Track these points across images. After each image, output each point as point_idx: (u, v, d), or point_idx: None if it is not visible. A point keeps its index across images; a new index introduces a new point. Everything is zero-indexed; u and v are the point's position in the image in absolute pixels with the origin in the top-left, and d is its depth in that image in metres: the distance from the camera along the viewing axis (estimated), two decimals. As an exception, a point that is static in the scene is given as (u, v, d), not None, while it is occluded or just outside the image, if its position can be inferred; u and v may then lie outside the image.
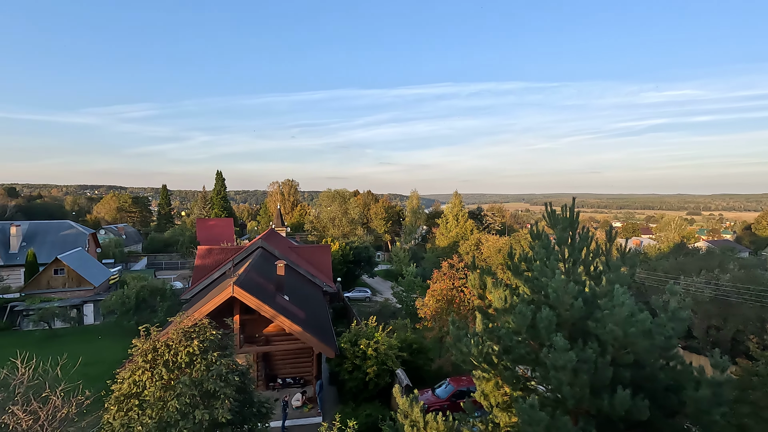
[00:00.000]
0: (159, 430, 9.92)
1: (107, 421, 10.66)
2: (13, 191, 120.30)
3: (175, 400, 10.26)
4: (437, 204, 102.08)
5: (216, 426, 10.46)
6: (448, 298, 24.08)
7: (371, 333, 20.89)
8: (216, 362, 10.98)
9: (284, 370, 22.77)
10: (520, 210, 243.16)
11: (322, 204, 76.19)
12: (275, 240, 36.99)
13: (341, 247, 46.82)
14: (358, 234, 68.18)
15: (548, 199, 12.30)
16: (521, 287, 9.95)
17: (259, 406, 11.80)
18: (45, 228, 50.38)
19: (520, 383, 9.27)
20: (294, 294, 23.79)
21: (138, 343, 11.28)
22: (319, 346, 19.40)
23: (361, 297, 46.29)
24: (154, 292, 31.72)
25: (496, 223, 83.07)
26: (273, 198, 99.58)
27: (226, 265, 28.87)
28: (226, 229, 66.60)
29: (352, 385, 19.71)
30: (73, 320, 34.60)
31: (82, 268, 40.83)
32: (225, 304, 18.46)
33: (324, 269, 33.97)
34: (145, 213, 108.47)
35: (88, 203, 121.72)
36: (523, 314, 8.27)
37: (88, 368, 18.62)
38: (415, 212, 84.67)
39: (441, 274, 25.34)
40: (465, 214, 66.05)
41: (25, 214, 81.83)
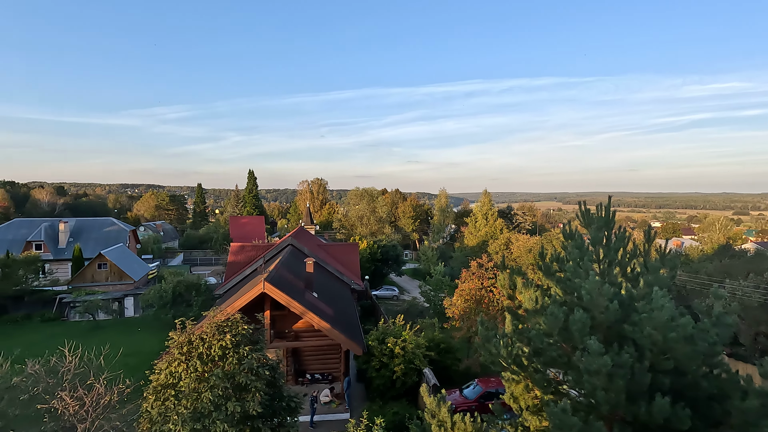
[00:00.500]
0: (194, 420, 10.28)
1: (146, 410, 11.14)
2: (61, 190, 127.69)
3: (209, 391, 10.60)
4: (466, 203, 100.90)
5: (247, 418, 10.73)
6: (477, 298, 23.76)
7: (399, 331, 20.89)
8: (247, 356, 11.27)
9: (313, 366, 23.12)
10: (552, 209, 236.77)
11: (351, 202, 76.81)
12: (304, 238, 37.59)
13: (369, 245, 47.06)
14: (386, 232, 68.33)
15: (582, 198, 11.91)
16: (553, 288, 9.68)
17: (288, 400, 12.01)
18: (90, 225, 53.20)
19: (551, 386, 9.03)
20: (323, 291, 24.10)
21: (174, 336, 11.71)
22: (347, 343, 19.56)
23: (389, 295, 46.40)
24: (189, 287, 32.90)
25: (526, 223, 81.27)
26: (302, 196, 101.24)
27: (257, 262, 29.58)
28: (257, 227, 68.28)
29: (379, 383, 19.79)
30: (115, 313, 36.41)
31: (123, 263, 42.87)
32: (256, 300, 18.91)
33: (352, 267, 34.23)
34: (182, 211, 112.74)
35: (128, 201, 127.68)
36: (555, 316, 8.04)
37: (128, 359, 19.57)
38: (443, 211, 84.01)
39: (469, 274, 25.03)
40: (494, 213, 64.93)
41: (72, 212, 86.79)
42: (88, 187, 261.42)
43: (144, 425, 10.95)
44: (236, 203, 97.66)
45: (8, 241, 45.89)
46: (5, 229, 49.21)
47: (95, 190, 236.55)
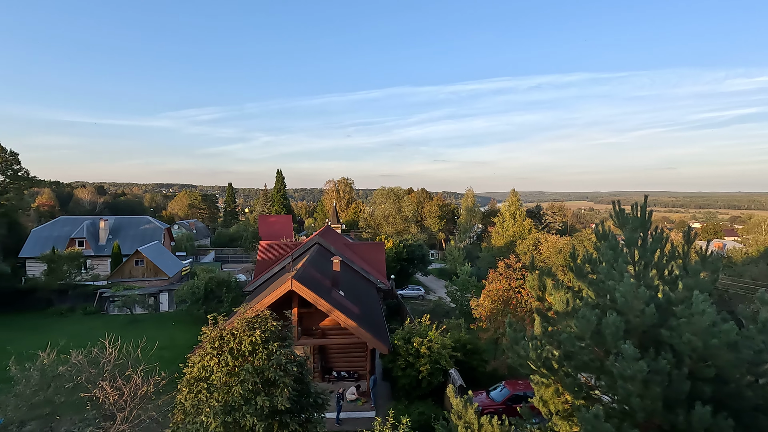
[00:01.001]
0: (225, 413, 10.57)
1: (180, 402, 11.54)
2: (102, 189, 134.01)
3: (239, 386, 10.88)
4: (493, 202, 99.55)
5: (276, 413, 10.95)
6: (504, 299, 23.37)
7: (425, 331, 20.81)
8: (276, 352, 11.50)
9: (339, 364, 23.35)
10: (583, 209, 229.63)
11: (377, 202, 77.04)
12: (331, 237, 37.99)
13: (395, 244, 47.10)
14: (412, 232, 68.18)
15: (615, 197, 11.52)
16: (585, 290, 9.41)
17: (315, 396, 12.18)
18: (128, 222, 55.62)
19: (582, 391, 8.79)
20: (349, 290, 24.30)
21: (207, 331, 12.08)
22: (373, 342, 19.65)
23: (415, 295, 46.29)
24: (220, 284, 33.87)
25: (556, 223, 79.31)
26: (329, 196, 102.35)
27: (285, 260, 30.12)
28: (285, 226, 69.55)
29: (404, 383, 19.78)
30: (151, 307, 37.90)
31: (158, 259, 44.59)
32: (284, 297, 19.27)
33: (378, 266, 34.34)
34: (213, 209, 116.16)
35: (163, 200, 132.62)
36: (587, 319, 7.81)
37: (163, 352, 20.32)
38: (470, 210, 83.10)
39: (497, 274, 24.66)
40: (523, 212, 63.67)
41: (111, 210, 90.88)
42: (126, 187, 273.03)
43: (178, 416, 11.36)
44: (265, 202, 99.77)
45: (54, 238, 48.55)
46: (51, 227, 52.07)
47: (133, 190, 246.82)
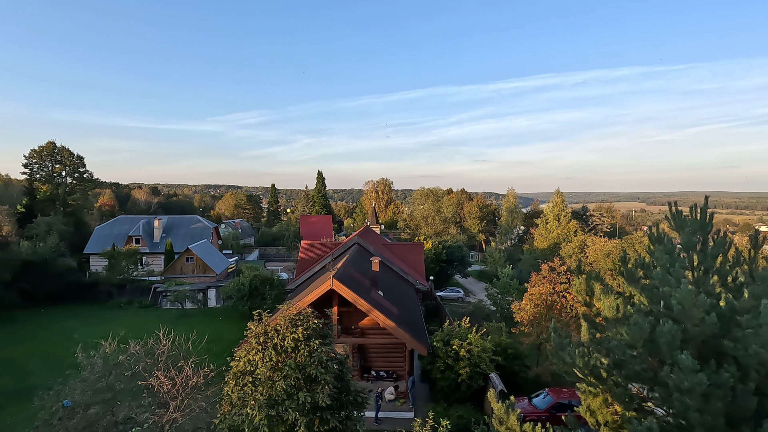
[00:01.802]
0: (269, 407, 10.93)
1: (227, 393, 12.05)
2: (156, 190, 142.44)
3: (282, 380, 11.21)
4: (536, 203, 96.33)
5: (317, 409, 11.19)
6: (548, 303, 22.59)
7: (464, 334, 20.52)
8: (317, 349, 11.74)
9: (377, 363, 23.49)
10: (634, 210, 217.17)
11: (415, 202, 76.79)
12: (370, 237, 38.30)
13: (434, 245, 46.76)
14: (451, 233, 67.38)
15: (670, 198, 10.82)
16: (637, 296, 8.94)
17: (355, 395, 12.32)
18: (179, 222, 58.76)
19: (633, 402, 8.34)
20: (388, 290, 24.39)
21: (252, 326, 12.53)
22: (412, 343, 19.62)
23: (454, 297, 45.74)
24: (264, 281, 35.04)
25: (604, 225, 75.67)
26: (368, 196, 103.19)
27: (326, 259, 30.69)
28: (325, 226, 70.85)
29: (443, 385, 19.60)
30: (199, 302, 39.83)
31: (207, 257, 46.78)
32: (325, 296, 19.65)
33: (417, 267, 34.24)
34: (257, 210, 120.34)
35: (211, 201, 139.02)
36: (640, 326, 7.41)
37: (211, 345, 21.29)
38: (511, 211, 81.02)
39: (540, 278, 23.88)
40: (568, 213, 61.24)
41: (164, 210, 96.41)
42: (178, 188, 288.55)
43: (225, 407, 11.87)
44: (306, 203, 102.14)
45: (114, 236, 52.16)
46: (111, 225, 55.96)
47: (183, 190, 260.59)
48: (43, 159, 60.48)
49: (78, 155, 63.14)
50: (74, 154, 62.74)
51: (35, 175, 60.42)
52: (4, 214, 45.54)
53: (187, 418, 11.95)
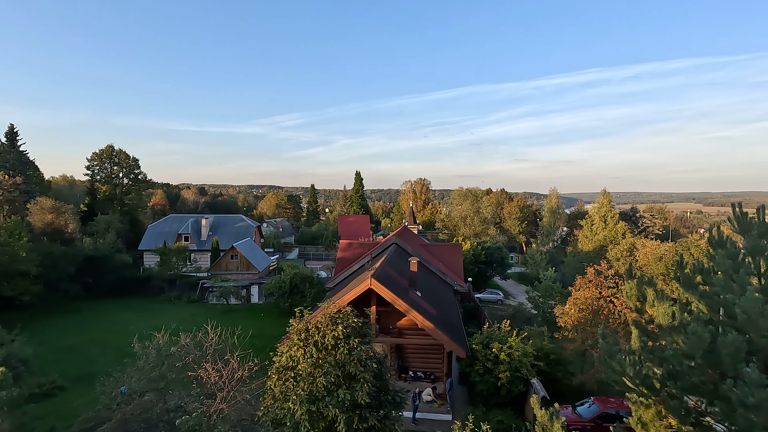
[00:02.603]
0: (309, 402, 11.18)
1: (269, 387, 12.44)
2: (203, 190, 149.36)
3: (323, 377, 11.43)
4: (581, 203, 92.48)
5: (356, 406, 11.32)
6: (594, 309, 21.64)
7: (504, 337, 20.07)
8: (357, 348, 11.88)
9: (415, 364, 23.43)
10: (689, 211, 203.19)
11: (454, 202, 75.94)
12: (408, 237, 38.26)
13: (472, 246, 46.05)
14: (491, 234, 66.08)
15: (731, 199, 10.08)
16: (694, 303, 8.40)
17: (394, 394, 12.35)
18: (224, 221, 61.28)
19: (690, 416, 7.84)
20: (426, 291, 24.28)
21: (294, 323, 12.86)
22: (450, 345, 19.43)
23: (493, 299, 44.82)
24: (304, 280, 35.86)
25: (655, 227, 71.52)
26: (405, 196, 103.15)
27: (364, 259, 30.99)
28: (363, 225, 71.56)
29: (482, 388, 19.26)
30: (243, 298, 41.32)
31: (250, 255, 48.49)
32: (363, 295, 19.84)
33: (455, 268, 33.85)
34: (297, 209, 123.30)
35: (254, 200, 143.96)
36: (699, 336, 6.96)
37: (254, 340, 21.98)
38: (554, 212, 78.34)
39: (585, 281, 22.93)
40: (615, 215, 58.38)
41: (210, 209, 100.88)
42: (223, 188, 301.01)
43: (268, 401, 12.25)
44: (344, 203, 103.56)
45: (165, 233, 55.17)
46: (163, 223, 59.22)
47: (228, 191, 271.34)
48: (103, 161, 64.98)
49: (134, 157, 67.34)
50: (130, 157, 66.95)
51: (96, 176, 65.02)
52: (70, 213, 49.30)
53: (232, 410, 12.45)
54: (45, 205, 47.46)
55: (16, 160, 55.71)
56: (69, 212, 49.19)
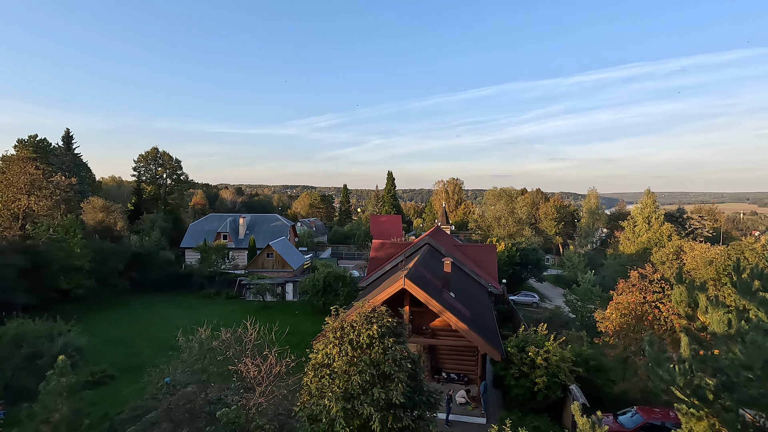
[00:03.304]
0: (345, 400, 11.32)
1: (306, 383, 12.69)
2: (240, 190, 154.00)
3: (358, 375, 11.54)
4: (622, 204, 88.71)
5: (390, 406, 11.36)
6: (638, 314, 20.69)
7: (541, 341, 19.55)
8: (391, 347, 11.92)
9: (448, 365, 23.24)
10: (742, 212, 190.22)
11: (487, 202, 74.69)
12: (441, 237, 37.98)
13: (507, 247, 45.17)
14: (526, 235, 64.52)
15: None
16: (753, 310, 7.87)
17: (428, 395, 12.30)
18: (260, 220, 62.96)
19: (747, 431, 7.37)
20: (459, 292, 24.02)
21: (329, 321, 13.05)
22: (485, 347, 19.12)
23: (528, 302, 43.75)
24: (337, 278, 36.33)
25: (704, 228, 67.51)
26: (438, 196, 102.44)
27: (397, 258, 31.03)
28: (395, 225, 71.63)
29: (518, 392, 18.85)
30: (278, 296, 42.35)
31: (285, 253, 49.62)
32: (396, 295, 19.85)
33: (489, 269, 33.29)
34: (330, 209, 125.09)
35: (288, 200, 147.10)
36: (758, 345, 6.52)
37: (290, 337, 22.50)
38: (592, 213, 75.50)
39: (629, 285, 21.97)
40: (660, 216, 55.55)
41: (247, 209, 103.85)
42: (258, 188, 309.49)
43: (304, 396, 12.50)
44: (376, 202, 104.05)
45: (205, 232, 57.34)
46: (203, 222, 61.57)
47: (263, 191, 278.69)
48: (148, 162, 68.36)
49: (176, 159, 70.46)
50: (173, 158, 70.09)
51: (142, 177, 68.51)
52: (119, 212, 52.21)
53: (270, 404, 12.80)
54: (96, 204, 50.50)
55: (71, 162, 59.60)
56: (118, 211, 52.09)
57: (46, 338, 20.34)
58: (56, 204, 40.68)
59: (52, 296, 34.75)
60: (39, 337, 20.21)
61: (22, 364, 19.30)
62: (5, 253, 31.30)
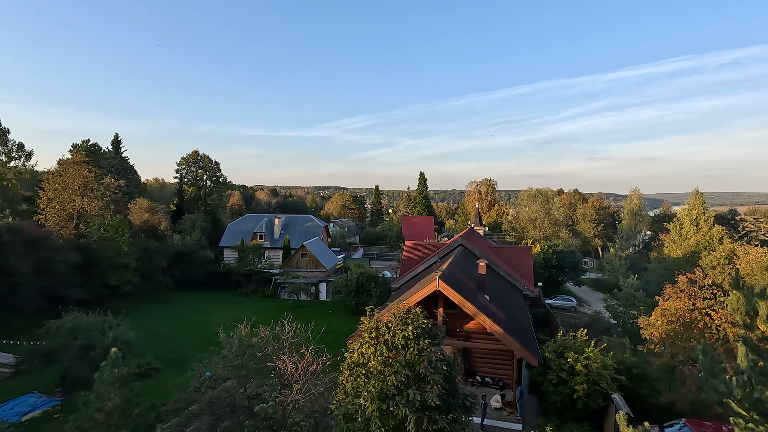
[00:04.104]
0: (380, 400, 11.36)
1: (341, 382, 12.83)
2: (274, 192, 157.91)
3: (393, 376, 11.56)
4: (667, 205, 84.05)
5: (426, 408, 11.31)
6: (686, 321, 19.60)
7: (581, 347, 18.89)
8: (426, 349, 11.87)
9: (482, 369, 22.88)
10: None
11: (522, 203, 72.99)
12: (474, 239, 37.46)
13: (543, 250, 43.97)
14: (562, 237, 62.53)
15: None
16: (821, 321, 7.29)
17: (464, 398, 12.16)
18: (295, 220, 64.27)
19: (815, 451, 6.83)
20: (494, 295, 23.60)
21: (365, 321, 13.14)
22: (521, 351, 18.69)
23: (565, 306, 42.40)
24: (369, 279, 36.55)
25: (760, 231, 63.10)
26: (470, 197, 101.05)
27: (429, 260, 30.86)
28: (427, 227, 71.21)
29: (556, 399, 18.29)
30: (312, 295, 43.06)
31: (319, 253, 50.40)
32: (430, 297, 19.75)
33: (525, 272, 32.51)
34: (362, 210, 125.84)
35: (321, 201, 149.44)
36: (829, 358, 6.03)
37: (324, 336, 22.85)
38: (635, 214, 72.21)
39: (676, 290, 20.85)
40: (710, 217, 52.39)
41: (281, 209, 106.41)
42: (292, 189, 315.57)
43: (340, 395, 12.64)
44: (408, 203, 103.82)
45: (242, 232, 59.15)
46: (240, 222, 63.53)
47: (297, 192, 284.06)
48: (189, 165, 71.29)
49: (215, 161, 73.11)
50: (212, 161, 72.77)
51: (183, 178, 71.53)
52: (162, 213, 54.75)
53: (306, 401, 13.04)
54: (142, 205, 53.17)
55: (119, 165, 63.06)
56: (161, 212, 54.63)
57: (98, 331, 21.62)
58: (106, 205, 43.14)
59: (102, 292, 36.87)
60: (92, 329, 21.51)
61: (77, 354, 20.61)
62: (62, 251, 33.51)
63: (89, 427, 10.69)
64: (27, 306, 28.71)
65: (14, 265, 28.08)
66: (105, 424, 10.70)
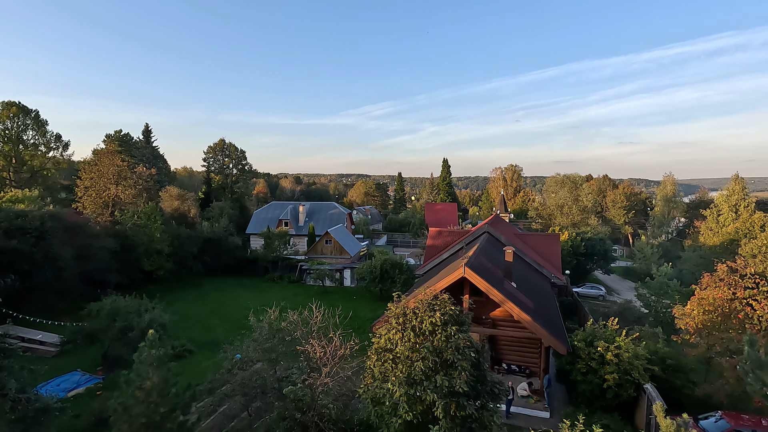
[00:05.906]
0: (408, 385, 11.47)
1: (369, 367, 13.00)
2: (298, 179, 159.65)
3: (420, 362, 11.62)
4: (703, 191, 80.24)
5: (453, 394, 11.34)
6: (725, 311, 18.83)
7: (611, 336, 18.46)
8: (454, 335, 11.86)
9: (509, 357, 22.72)
10: None
11: (549, 190, 71.32)
12: (500, 226, 36.94)
13: (571, 237, 42.98)
14: (591, 224, 60.91)
15: None
16: None
17: (492, 385, 12.14)
18: (318, 207, 64.92)
19: None
20: (521, 282, 23.27)
21: (391, 307, 13.21)
22: (549, 340, 18.43)
23: (594, 294, 41.48)
24: (393, 266, 36.66)
25: (805, 218, 59.56)
26: (495, 184, 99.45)
27: (454, 247, 30.66)
28: (450, 214, 70.67)
29: (585, 389, 18.01)
30: (337, 281, 43.58)
31: (343, 240, 50.87)
32: (456, 284, 19.63)
33: (552, 259, 31.91)
34: (385, 197, 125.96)
35: (344, 189, 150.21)
36: None
37: (350, 321, 23.14)
38: (668, 200, 69.45)
39: (715, 279, 20.01)
40: (750, 203, 49.79)
41: (305, 197, 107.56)
42: (316, 177, 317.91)
43: (368, 379, 12.83)
44: (431, 190, 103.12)
45: (267, 219, 60.22)
46: (266, 210, 64.65)
47: (320, 179, 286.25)
48: (216, 154, 72.73)
49: (241, 150, 74.30)
50: (238, 149, 73.99)
51: (211, 167, 73.10)
52: (192, 200, 56.25)
53: (335, 384, 13.29)
54: (173, 193, 54.74)
55: (150, 155, 65.00)
56: (191, 199, 56.12)
57: (135, 314, 22.58)
58: (139, 193, 44.61)
59: (138, 277, 38.39)
60: (130, 312, 22.48)
61: (117, 335, 21.62)
62: (100, 237, 34.98)
63: (131, 404, 11.22)
64: (70, 290, 30.18)
65: (57, 251, 29.49)
66: (145, 401, 11.22)
